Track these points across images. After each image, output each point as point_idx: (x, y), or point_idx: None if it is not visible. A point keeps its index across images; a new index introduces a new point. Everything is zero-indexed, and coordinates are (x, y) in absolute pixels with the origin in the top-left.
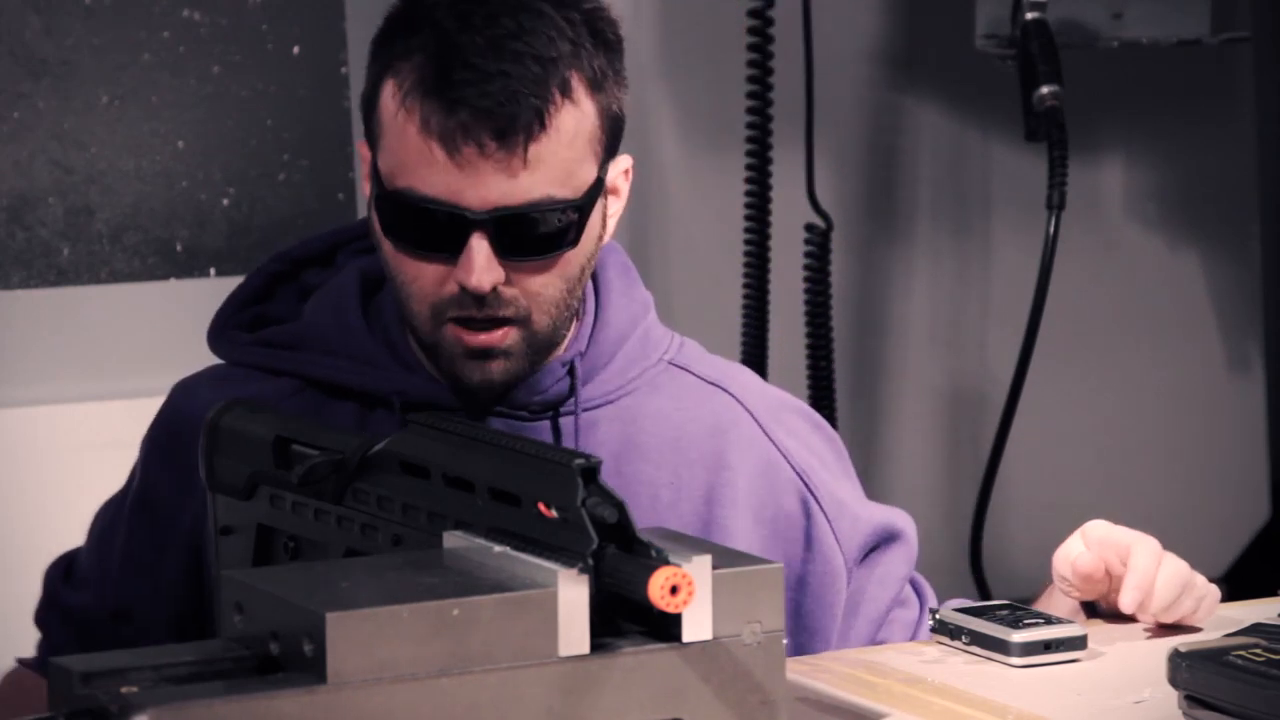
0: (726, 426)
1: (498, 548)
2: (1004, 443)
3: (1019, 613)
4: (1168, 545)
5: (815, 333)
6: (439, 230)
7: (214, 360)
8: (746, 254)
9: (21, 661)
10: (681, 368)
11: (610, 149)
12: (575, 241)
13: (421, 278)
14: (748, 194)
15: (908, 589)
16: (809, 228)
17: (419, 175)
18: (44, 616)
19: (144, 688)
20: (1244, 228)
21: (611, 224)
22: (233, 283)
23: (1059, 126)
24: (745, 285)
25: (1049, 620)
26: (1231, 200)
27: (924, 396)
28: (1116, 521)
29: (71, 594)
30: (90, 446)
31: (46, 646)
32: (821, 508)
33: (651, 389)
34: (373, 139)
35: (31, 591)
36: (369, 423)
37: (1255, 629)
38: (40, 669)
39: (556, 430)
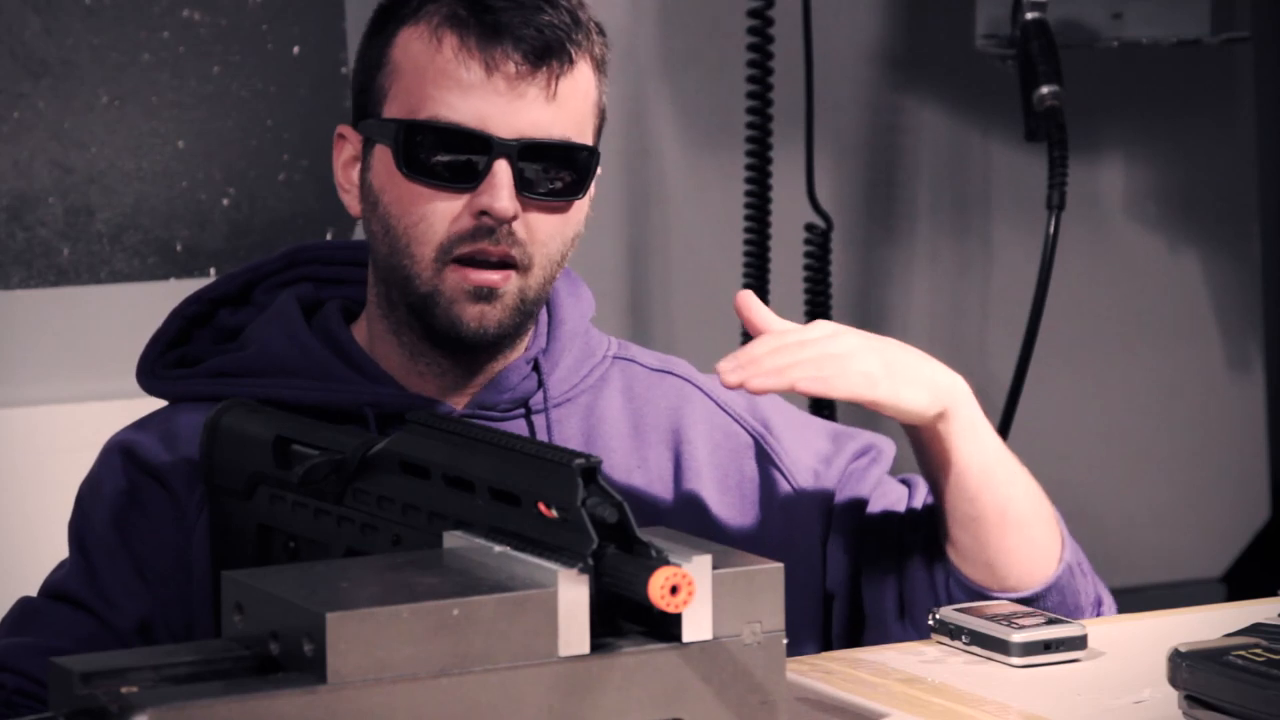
0: (680, 404)
1: (498, 548)
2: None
3: (1019, 612)
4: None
5: None
6: (464, 157)
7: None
8: (746, 254)
9: None
10: (627, 360)
11: (599, 136)
12: (584, 191)
13: (431, 215)
14: (748, 194)
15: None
16: (809, 228)
17: (447, 102)
18: None
19: (144, 688)
20: (1244, 228)
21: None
22: None
23: (1059, 126)
24: (745, 285)
25: (1049, 620)
26: (1231, 200)
27: None
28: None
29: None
30: (90, 446)
31: None
32: (779, 466)
33: (603, 382)
34: (377, 98)
35: (32, 591)
36: None
37: (1255, 629)
38: None
39: (531, 427)
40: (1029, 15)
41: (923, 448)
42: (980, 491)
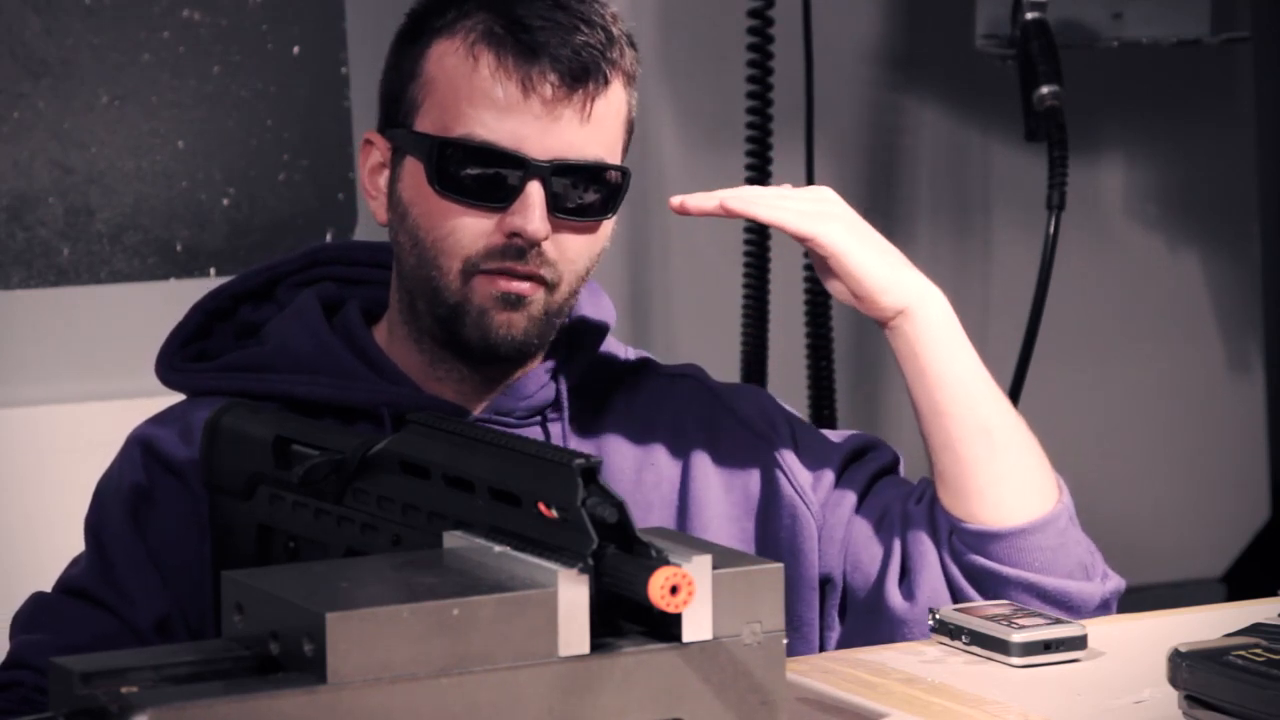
0: (691, 406)
1: (498, 548)
2: None
3: (1019, 612)
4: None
5: (815, 333)
6: (497, 176)
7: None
8: (746, 254)
9: None
10: (642, 368)
11: (627, 149)
12: (614, 210)
13: (461, 230)
14: None
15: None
16: None
17: (482, 121)
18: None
19: (144, 688)
20: (1244, 228)
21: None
22: None
23: (1059, 126)
24: (745, 285)
25: (1049, 620)
26: (1231, 200)
27: None
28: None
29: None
30: (90, 446)
31: None
32: (783, 468)
33: (617, 391)
34: (408, 108)
35: (33, 590)
36: None
37: (1255, 629)
38: None
39: (546, 434)
40: (1029, 15)
41: (896, 356)
42: (958, 408)
